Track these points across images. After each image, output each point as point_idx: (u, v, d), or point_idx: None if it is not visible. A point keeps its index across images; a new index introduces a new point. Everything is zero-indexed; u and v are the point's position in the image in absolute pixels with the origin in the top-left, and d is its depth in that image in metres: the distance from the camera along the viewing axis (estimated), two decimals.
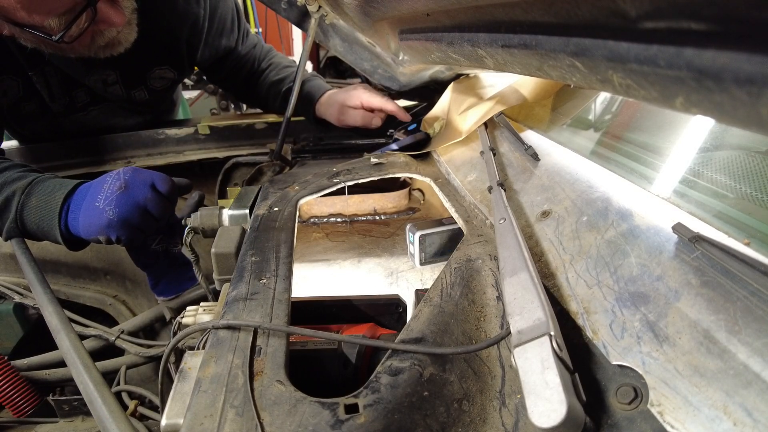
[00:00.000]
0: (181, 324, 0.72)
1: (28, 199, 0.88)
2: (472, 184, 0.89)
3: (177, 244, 1.05)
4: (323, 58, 4.27)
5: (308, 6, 1.06)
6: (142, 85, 1.33)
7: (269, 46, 1.54)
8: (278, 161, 1.19)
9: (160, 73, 1.33)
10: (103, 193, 0.83)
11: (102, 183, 0.85)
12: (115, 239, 0.85)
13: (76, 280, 1.35)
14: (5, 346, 1.16)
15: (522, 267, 0.51)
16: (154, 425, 0.89)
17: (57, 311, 0.76)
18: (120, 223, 0.82)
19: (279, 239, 0.75)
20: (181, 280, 1.12)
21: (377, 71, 1.20)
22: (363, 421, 0.42)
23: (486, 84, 1.15)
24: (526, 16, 0.45)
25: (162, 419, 0.48)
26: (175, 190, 0.91)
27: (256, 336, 0.53)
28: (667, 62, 0.28)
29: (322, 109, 1.32)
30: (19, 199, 0.88)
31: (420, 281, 1.06)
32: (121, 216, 0.81)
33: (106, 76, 1.25)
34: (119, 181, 0.83)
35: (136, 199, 0.83)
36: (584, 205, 0.65)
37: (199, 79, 2.91)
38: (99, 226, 0.83)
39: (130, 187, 0.83)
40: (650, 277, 0.49)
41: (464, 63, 0.69)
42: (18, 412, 0.94)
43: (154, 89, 1.36)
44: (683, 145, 0.74)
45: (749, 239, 0.47)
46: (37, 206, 0.87)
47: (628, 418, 0.41)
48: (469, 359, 0.51)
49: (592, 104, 1.02)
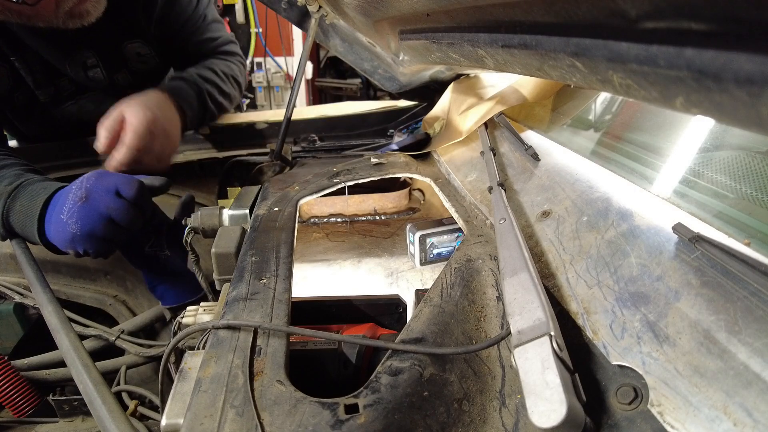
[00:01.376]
0: (181, 324, 0.72)
1: (13, 204, 0.86)
2: (472, 184, 0.89)
3: (163, 248, 1.00)
4: (323, 58, 4.28)
5: (308, 6, 1.06)
6: (124, 67, 1.32)
7: (235, 59, 1.45)
8: (278, 161, 1.19)
9: (134, 49, 1.31)
10: (67, 204, 0.79)
11: (68, 192, 0.81)
12: (83, 252, 0.81)
13: (76, 280, 1.34)
14: (5, 346, 1.15)
15: (522, 267, 0.51)
16: (155, 425, 0.89)
17: (56, 310, 0.76)
18: (84, 237, 0.78)
19: (279, 239, 0.75)
20: (180, 290, 1.08)
21: (377, 71, 1.20)
22: (363, 421, 0.42)
23: (486, 84, 1.15)
24: (526, 16, 0.45)
25: (162, 419, 0.48)
26: (143, 193, 0.85)
27: (256, 336, 0.53)
28: (667, 62, 0.28)
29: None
30: (4, 203, 0.86)
31: (420, 281, 1.06)
32: (83, 229, 0.77)
33: (85, 59, 1.24)
34: (80, 191, 0.79)
35: (98, 209, 0.78)
36: (584, 205, 0.65)
37: None
38: (65, 240, 0.79)
39: (90, 198, 0.78)
40: (650, 277, 0.49)
41: (464, 63, 0.69)
42: (18, 412, 0.94)
43: (138, 71, 1.35)
44: (683, 145, 0.74)
45: (749, 239, 0.47)
46: (20, 211, 0.85)
47: (628, 418, 0.41)
48: (469, 359, 0.51)
49: (593, 104, 1.02)
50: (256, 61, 4.00)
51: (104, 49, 1.27)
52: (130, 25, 1.27)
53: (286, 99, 3.98)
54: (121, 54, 1.31)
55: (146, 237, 1.01)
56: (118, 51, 1.30)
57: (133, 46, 1.31)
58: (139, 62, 1.34)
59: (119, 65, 1.32)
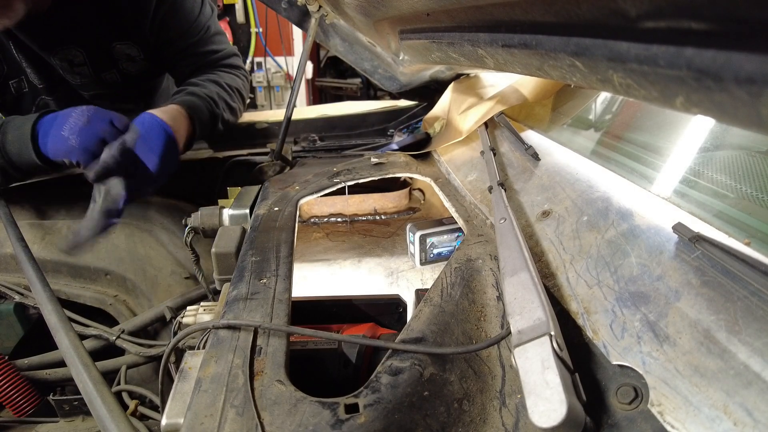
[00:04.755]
0: (181, 324, 0.72)
1: (5, 138, 1.01)
2: (472, 183, 0.89)
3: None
4: (323, 58, 4.28)
5: (308, 6, 1.06)
6: (113, 67, 1.33)
7: (240, 72, 1.45)
8: (279, 161, 1.19)
9: (123, 50, 1.31)
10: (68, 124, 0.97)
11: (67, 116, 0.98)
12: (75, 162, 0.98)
13: (76, 280, 1.34)
14: (6, 346, 1.15)
15: (522, 267, 0.51)
16: (155, 425, 0.89)
17: (56, 310, 0.76)
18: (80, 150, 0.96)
19: (279, 239, 0.75)
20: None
21: (377, 71, 1.20)
22: (363, 421, 0.42)
23: (486, 84, 1.15)
24: (526, 16, 0.45)
25: (162, 419, 0.48)
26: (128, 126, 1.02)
27: (256, 336, 0.53)
28: (667, 62, 0.28)
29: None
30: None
31: (420, 281, 1.06)
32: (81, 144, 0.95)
33: (72, 57, 1.26)
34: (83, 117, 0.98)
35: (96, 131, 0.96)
36: (584, 204, 0.65)
37: None
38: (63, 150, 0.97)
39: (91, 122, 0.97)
40: (650, 277, 0.49)
41: (464, 63, 0.69)
42: (18, 412, 0.94)
43: (128, 73, 1.35)
44: (684, 145, 0.74)
45: (750, 239, 0.47)
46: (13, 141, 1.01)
47: (628, 417, 0.41)
48: (469, 359, 0.51)
49: (593, 104, 1.02)
50: (256, 61, 4.00)
51: (92, 48, 1.27)
52: (121, 26, 1.27)
53: (286, 99, 3.98)
54: (110, 54, 1.31)
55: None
56: (107, 51, 1.30)
57: (122, 46, 1.31)
58: (128, 62, 1.34)
59: (107, 65, 1.32)
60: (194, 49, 1.38)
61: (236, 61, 1.47)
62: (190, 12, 1.33)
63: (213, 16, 1.41)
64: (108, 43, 1.29)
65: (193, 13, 1.34)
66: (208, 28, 1.38)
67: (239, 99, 1.40)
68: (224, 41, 1.45)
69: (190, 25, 1.34)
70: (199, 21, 1.35)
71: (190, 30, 1.34)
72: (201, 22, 1.36)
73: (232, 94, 1.37)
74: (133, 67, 1.35)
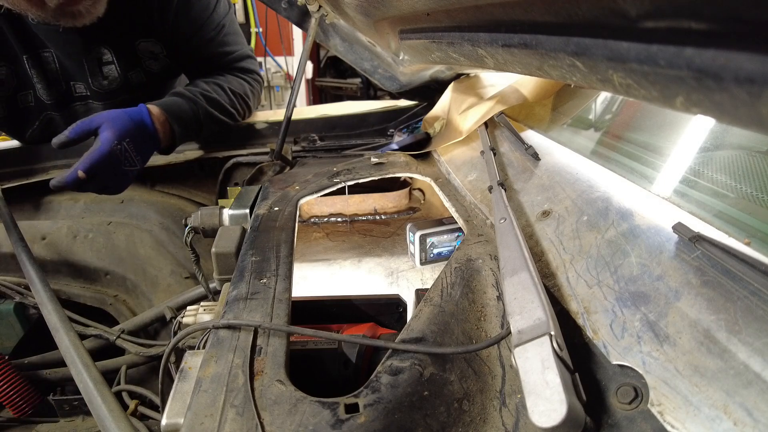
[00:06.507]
0: (181, 324, 0.72)
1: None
2: (472, 183, 0.89)
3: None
4: (323, 57, 4.28)
5: (308, 6, 1.06)
6: (138, 66, 1.33)
7: (251, 76, 1.47)
8: (279, 161, 1.19)
9: (147, 47, 1.32)
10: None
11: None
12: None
13: (76, 280, 1.34)
14: (5, 346, 1.15)
15: (522, 267, 0.51)
16: (155, 425, 0.89)
17: (56, 309, 0.76)
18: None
19: (279, 239, 0.75)
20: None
21: (377, 71, 1.20)
22: (363, 421, 0.42)
23: (486, 84, 1.15)
24: (526, 16, 0.45)
25: (162, 419, 0.48)
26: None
27: (256, 336, 0.53)
28: (667, 62, 0.28)
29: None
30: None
31: (420, 281, 1.06)
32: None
33: (101, 55, 1.27)
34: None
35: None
36: (585, 204, 0.65)
37: None
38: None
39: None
40: (650, 276, 0.49)
41: (464, 63, 0.69)
42: (18, 412, 0.94)
43: (151, 71, 1.36)
44: (684, 144, 0.74)
45: (750, 239, 0.47)
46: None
47: (628, 417, 0.41)
48: (469, 359, 0.51)
49: (593, 104, 1.02)
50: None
51: (119, 46, 1.28)
52: (144, 23, 1.28)
53: (286, 99, 3.98)
54: (135, 51, 1.32)
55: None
56: (132, 48, 1.31)
57: (147, 44, 1.32)
58: (151, 60, 1.35)
59: (133, 63, 1.33)
60: (207, 49, 1.38)
61: (249, 64, 1.47)
62: (205, 8, 1.34)
63: (229, 13, 1.41)
64: (133, 40, 1.30)
65: (208, 9, 1.35)
66: (223, 26, 1.39)
67: (242, 103, 1.41)
68: (239, 41, 1.45)
69: (203, 21, 1.34)
70: (213, 18, 1.36)
71: (204, 26, 1.35)
72: (215, 19, 1.36)
73: (234, 99, 1.37)
74: (156, 65, 1.36)
